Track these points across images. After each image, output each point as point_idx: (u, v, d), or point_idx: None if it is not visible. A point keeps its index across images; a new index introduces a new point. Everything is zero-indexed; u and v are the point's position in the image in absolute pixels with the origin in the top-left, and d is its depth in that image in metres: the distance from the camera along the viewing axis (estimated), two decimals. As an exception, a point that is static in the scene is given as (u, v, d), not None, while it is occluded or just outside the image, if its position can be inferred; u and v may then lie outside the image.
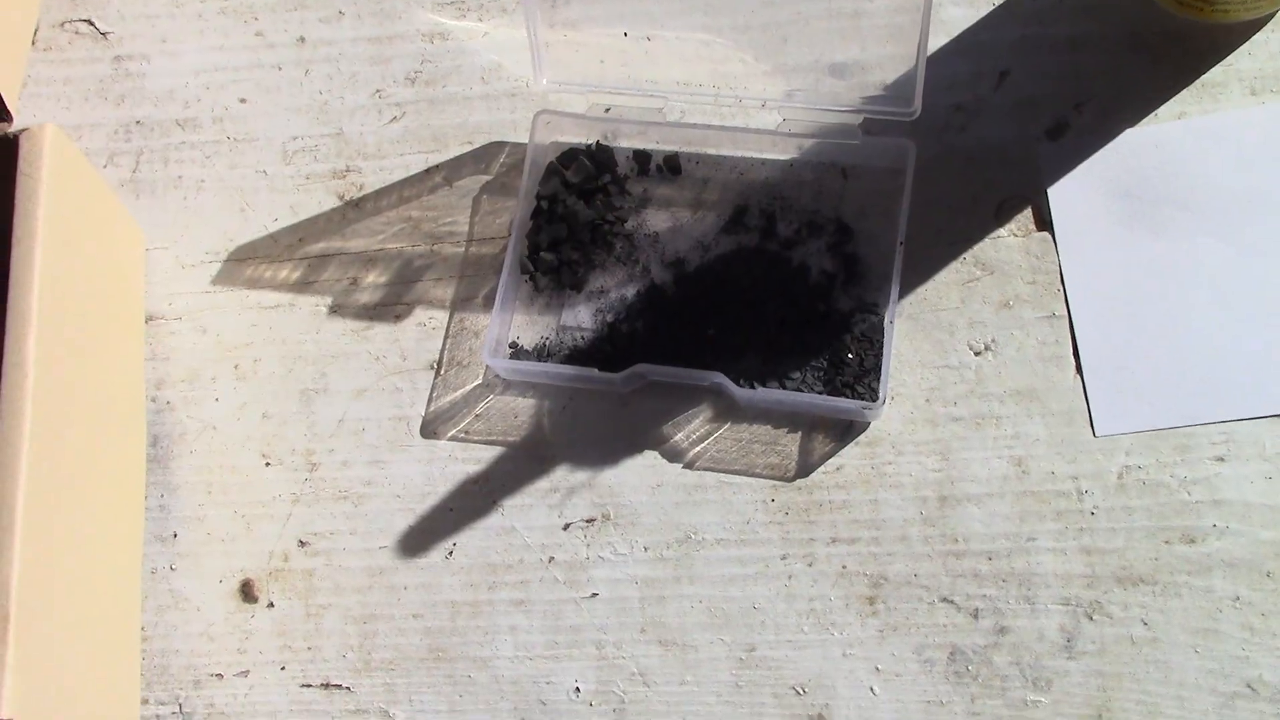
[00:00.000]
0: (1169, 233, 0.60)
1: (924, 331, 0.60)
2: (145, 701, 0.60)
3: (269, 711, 0.59)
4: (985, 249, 0.61)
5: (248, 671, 0.60)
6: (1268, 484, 0.56)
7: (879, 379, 0.58)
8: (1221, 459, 0.57)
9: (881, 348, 0.59)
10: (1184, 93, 0.62)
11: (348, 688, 0.59)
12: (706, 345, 0.60)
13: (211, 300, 0.66)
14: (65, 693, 0.53)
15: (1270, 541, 0.56)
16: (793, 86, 0.62)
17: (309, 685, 0.59)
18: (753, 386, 0.58)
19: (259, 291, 0.65)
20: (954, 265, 0.61)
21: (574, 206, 0.63)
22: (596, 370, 0.59)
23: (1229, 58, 0.62)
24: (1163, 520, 0.56)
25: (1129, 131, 0.62)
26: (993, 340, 0.60)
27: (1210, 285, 0.59)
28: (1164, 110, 0.62)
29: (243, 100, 0.69)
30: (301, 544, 0.61)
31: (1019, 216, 0.61)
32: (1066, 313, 0.60)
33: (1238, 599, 0.55)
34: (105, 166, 0.68)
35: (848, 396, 0.58)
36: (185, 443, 0.63)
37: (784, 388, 0.59)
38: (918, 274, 0.61)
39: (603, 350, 0.61)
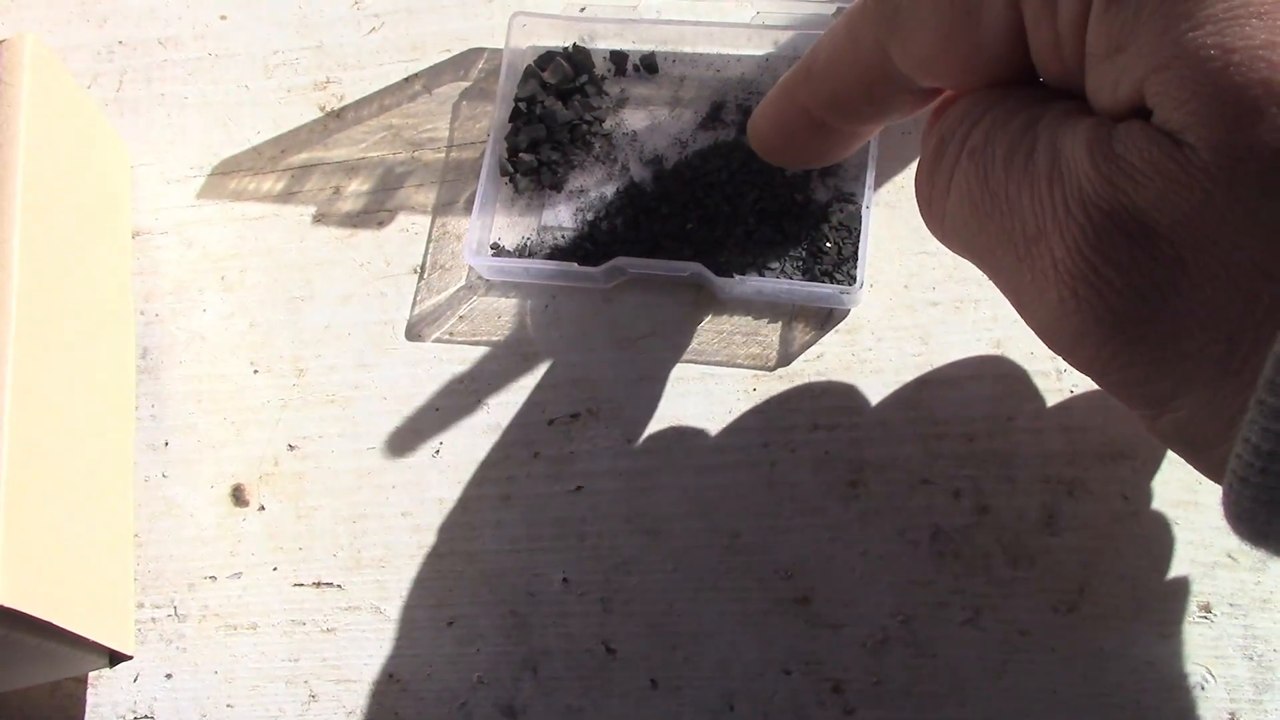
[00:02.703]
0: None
1: (902, 219, 0.61)
2: (141, 605, 0.60)
3: (263, 610, 0.60)
4: (962, 136, 0.61)
5: (241, 573, 0.60)
6: (1245, 356, 0.56)
7: (857, 265, 0.58)
8: (1199, 333, 0.57)
9: (859, 235, 0.59)
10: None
11: (339, 585, 0.60)
12: (686, 239, 0.60)
13: (197, 213, 0.66)
14: (60, 589, 0.53)
15: (1249, 413, 0.56)
16: (766, -21, 0.62)
17: (301, 584, 0.60)
18: (731, 276, 0.59)
19: (244, 203, 0.66)
20: (931, 153, 0.61)
21: (552, 108, 0.63)
22: (577, 265, 0.60)
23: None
24: (1141, 396, 0.57)
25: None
26: (970, 225, 0.60)
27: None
28: None
29: (223, 17, 0.69)
30: (291, 448, 0.62)
31: (995, 102, 0.61)
32: (1043, 195, 0.60)
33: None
34: (89, 87, 0.69)
35: (826, 283, 0.58)
36: (175, 353, 0.64)
37: (763, 277, 0.59)
38: (895, 162, 0.61)
39: (583, 247, 0.61)
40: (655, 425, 0.59)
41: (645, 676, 0.57)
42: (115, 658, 0.59)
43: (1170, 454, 0.56)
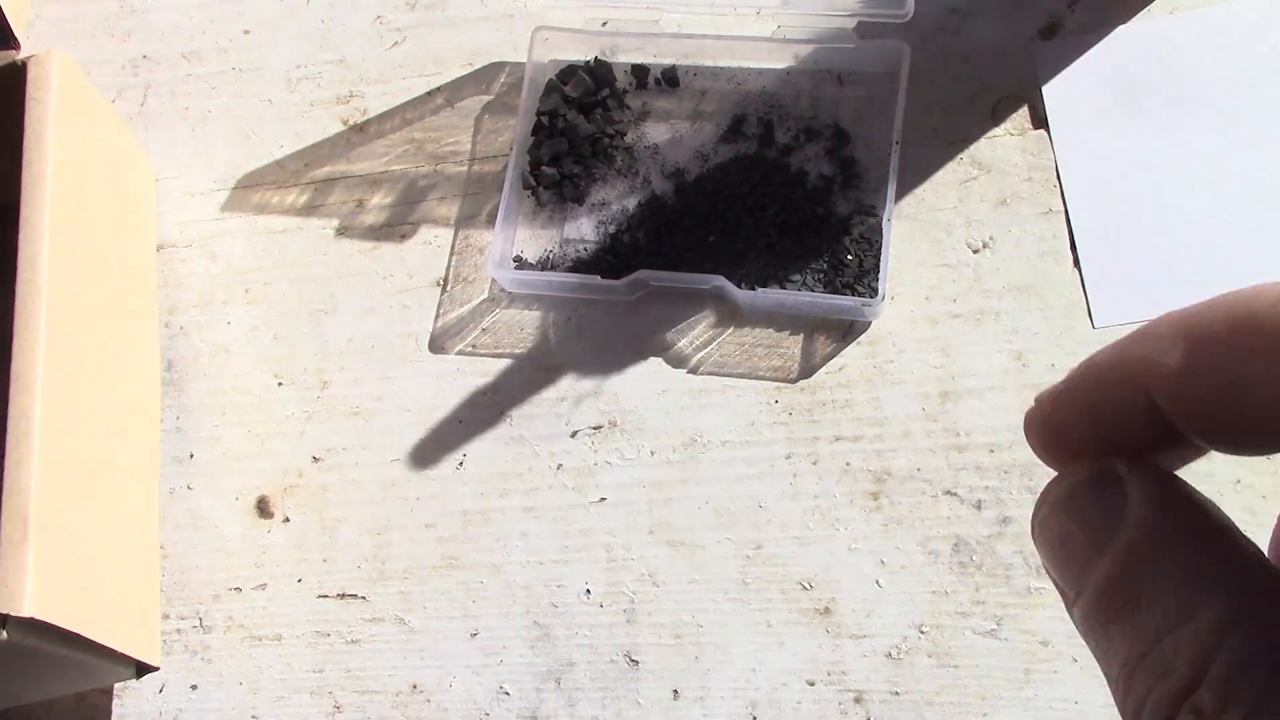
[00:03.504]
0: (1164, 126, 0.60)
1: (922, 231, 0.61)
2: (166, 616, 0.61)
3: (287, 622, 0.60)
4: (982, 148, 0.62)
5: (265, 584, 0.61)
6: (1266, 368, 0.56)
7: (878, 277, 0.58)
8: (1220, 345, 0.57)
9: (880, 248, 0.59)
10: (1178, -12, 0.62)
11: (363, 597, 0.60)
12: (708, 251, 0.61)
13: (221, 227, 0.67)
14: (87, 601, 0.54)
15: (1270, 424, 0.56)
16: (787, -7, 0.62)
17: (325, 596, 0.60)
18: (753, 289, 0.59)
19: (267, 216, 0.66)
20: (951, 165, 0.62)
21: (574, 121, 0.63)
22: (599, 278, 0.60)
23: (1222, -49, 0.62)
24: (1163, 407, 0.57)
25: (1122, 27, 0.62)
26: (991, 237, 0.60)
27: (1205, 175, 0.59)
28: (1157, 5, 0.62)
29: (246, 31, 0.70)
30: (315, 460, 0.62)
31: (1014, 115, 0.62)
32: (1063, 208, 0.60)
33: (1238, 482, 0.56)
34: (114, 101, 0.69)
35: (847, 295, 0.59)
36: (199, 366, 0.64)
37: (784, 289, 0.59)
38: (915, 175, 0.62)
39: (605, 260, 0.62)
40: (677, 437, 0.60)
41: (668, 687, 0.57)
42: (141, 669, 0.59)
43: (1192, 464, 0.56)
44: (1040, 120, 0.62)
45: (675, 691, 0.57)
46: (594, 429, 0.61)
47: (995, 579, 0.56)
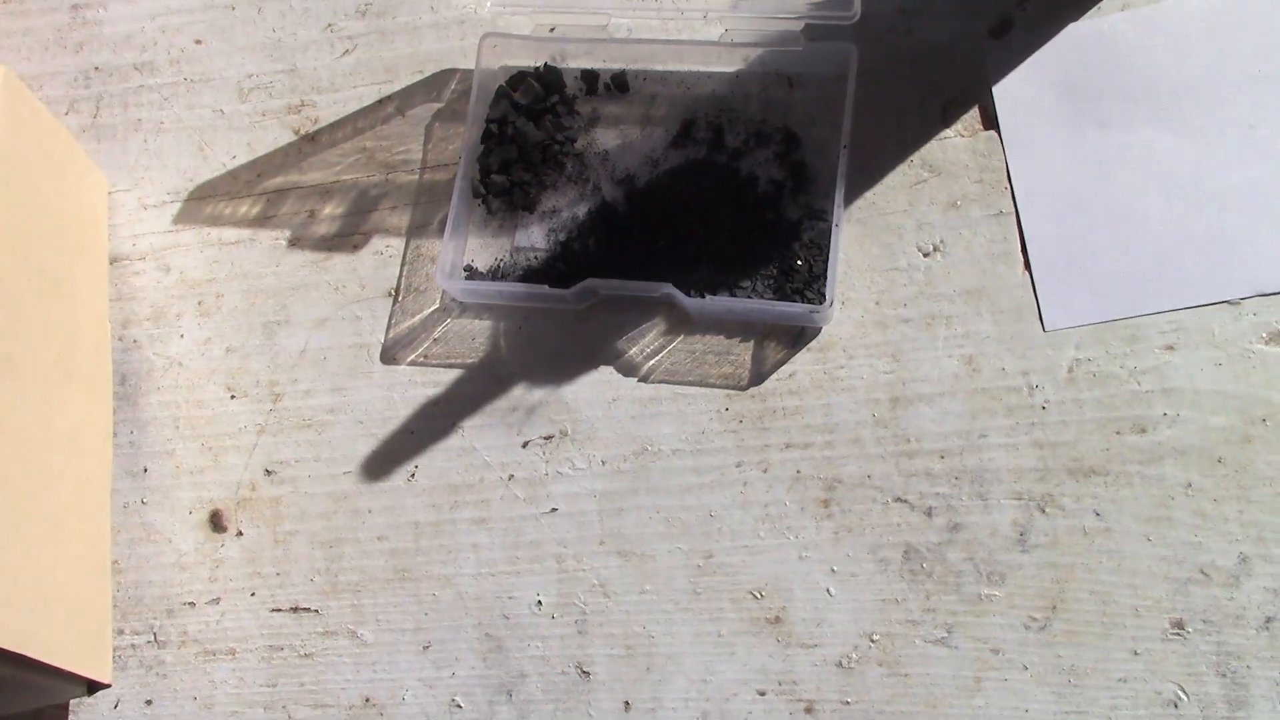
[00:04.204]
0: (1114, 126, 0.60)
1: (873, 235, 0.60)
2: (120, 631, 0.61)
3: (240, 636, 0.60)
4: (932, 150, 0.61)
5: (219, 599, 0.61)
6: (1217, 370, 0.56)
7: (827, 283, 0.58)
8: (1170, 348, 0.57)
9: (830, 252, 0.59)
10: (1129, -15, 0.62)
11: (316, 610, 0.60)
12: (658, 258, 0.60)
13: (174, 239, 0.66)
14: (35, 621, 0.54)
15: (1221, 427, 0.55)
16: (734, -3, 0.62)
17: (279, 609, 0.60)
18: (703, 296, 0.59)
19: (220, 228, 0.66)
20: (901, 168, 0.61)
21: (523, 128, 0.63)
22: (548, 287, 0.60)
23: (1174, -53, 0.62)
24: (1113, 411, 0.56)
25: (1073, 26, 0.61)
26: (941, 241, 0.60)
27: (1156, 176, 0.59)
28: (1108, 2, 0.61)
29: (198, 41, 0.69)
30: (268, 473, 0.62)
31: (965, 116, 0.61)
32: (1014, 210, 0.60)
33: (1189, 486, 0.55)
34: (67, 114, 0.69)
35: (796, 301, 0.58)
36: (152, 379, 0.64)
37: (734, 296, 0.59)
38: (865, 178, 0.61)
39: (556, 268, 0.61)
40: (628, 446, 0.59)
41: (620, 698, 0.57)
42: (93, 686, 0.59)
43: (1142, 469, 0.55)
44: (991, 121, 0.61)
45: (627, 703, 0.57)
46: (545, 439, 0.60)
47: (946, 586, 0.56)
